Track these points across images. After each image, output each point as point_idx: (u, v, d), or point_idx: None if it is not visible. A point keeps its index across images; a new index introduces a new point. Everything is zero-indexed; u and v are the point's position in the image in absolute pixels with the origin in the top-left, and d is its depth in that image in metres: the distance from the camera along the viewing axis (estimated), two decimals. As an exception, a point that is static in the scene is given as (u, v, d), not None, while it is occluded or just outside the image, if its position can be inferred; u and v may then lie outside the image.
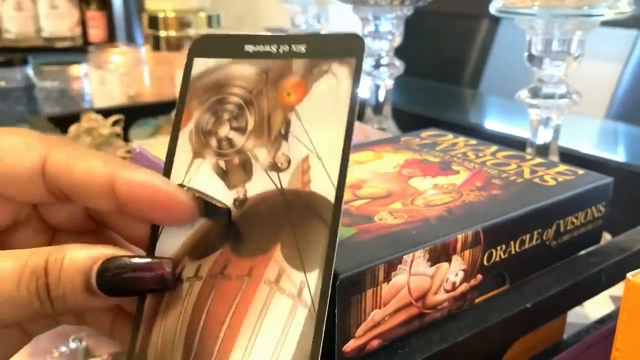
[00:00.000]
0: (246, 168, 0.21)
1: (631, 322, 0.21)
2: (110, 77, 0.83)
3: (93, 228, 0.23)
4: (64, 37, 1.36)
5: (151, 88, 0.84)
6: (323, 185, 0.20)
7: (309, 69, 0.21)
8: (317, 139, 0.21)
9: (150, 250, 0.21)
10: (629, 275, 0.21)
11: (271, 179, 0.21)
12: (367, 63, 0.58)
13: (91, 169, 0.20)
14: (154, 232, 0.21)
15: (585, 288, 0.31)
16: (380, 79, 0.59)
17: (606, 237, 0.42)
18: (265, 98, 0.22)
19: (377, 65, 0.58)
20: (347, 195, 0.29)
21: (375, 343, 0.24)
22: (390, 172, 0.33)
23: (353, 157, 0.35)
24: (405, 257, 0.24)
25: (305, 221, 0.20)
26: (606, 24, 0.41)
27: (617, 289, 0.35)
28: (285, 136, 0.21)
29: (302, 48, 0.22)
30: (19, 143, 0.20)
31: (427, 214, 0.27)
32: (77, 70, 1.06)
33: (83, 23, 1.40)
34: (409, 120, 0.63)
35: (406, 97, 0.92)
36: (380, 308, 0.24)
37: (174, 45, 0.83)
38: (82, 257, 0.19)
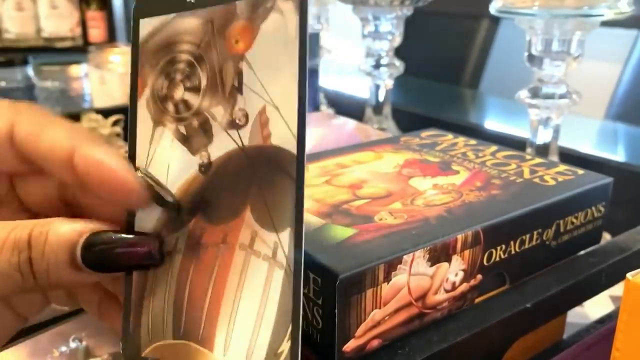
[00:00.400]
0: (206, 130, 0.20)
1: (631, 322, 0.21)
2: (110, 77, 0.83)
3: (68, 211, 0.23)
4: (64, 37, 1.36)
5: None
6: (284, 137, 0.19)
7: (254, 9, 0.19)
8: (272, 87, 0.19)
9: (128, 227, 0.21)
10: (628, 275, 0.21)
11: (231, 137, 0.20)
12: (367, 63, 0.58)
13: (55, 139, 0.19)
14: (131, 215, 0.21)
15: (585, 288, 0.31)
16: (380, 79, 0.59)
17: (606, 237, 0.43)
18: (215, 50, 0.20)
19: (377, 65, 0.58)
20: (347, 196, 0.29)
21: (375, 343, 0.24)
22: (390, 172, 0.33)
23: (353, 157, 0.35)
24: (405, 257, 0.24)
25: (270, 178, 0.19)
26: (606, 24, 0.41)
27: (617, 289, 0.35)
28: (239, 89, 0.20)
29: None
30: None
31: (427, 214, 0.27)
32: (77, 70, 1.06)
33: (83, 23, 1.40)
34: (409, 120, 0.63)
35: (406, 97, 0.92)
36: (380, 308, 0.24)
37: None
38: (67, 230, 0.18)
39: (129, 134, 0.22)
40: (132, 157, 0.22)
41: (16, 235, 0.18)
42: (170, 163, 0.21)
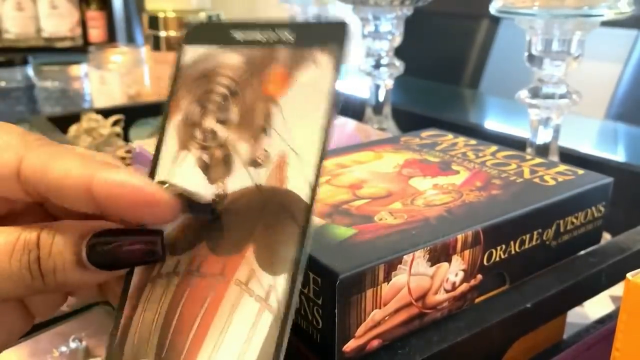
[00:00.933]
0: (227, 162, 0.21)
1: (631, 322, 0.21)
2: (110, 77, 0.83)
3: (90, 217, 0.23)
4: (64, 37, 1.36)
5: (151, 88, 0.84)
6: (298, 184, 0.19)
7: (293, 58, 0.20)
8: (297, 135, 0.20)
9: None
10: (629, 275, 0.21)
11: (250, 175, 0.20)
12: (367, 63, 0.58)
13: (67, 171, 0.19)
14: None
15: (585, 288, 0.31)
16: (380, 79, 0.59)
17: (606, 237, 0.42)
18: (250, 89, 0.21)
19: (377, 65, 0.58)
20: (347, 195, 0.29)
21: (375, 343, 0.24)
22: (390, 172, 0.33)
23: (353, 157, 0.35)
24: (405, 257, 0.24)
25: (278, 221, 0.19)
26: (606, 24, 0.41)
27: (617, 289, 0.36)
28: (266, 130, 0.20)
29: (287, 35, 0.21)
30: None
31: (427, 214, 0.27)
32: (77, 70, 1.06)
33: (83, 23, 1.40)
34: (409, 120, 0.63)
35: (406, 97, 0.92)
36: (380, 308, 0.24)
37: (174, 45, 0.82)
38: (73, 230, 0.19)
39: (154, 152, 0.22)
40: (152, 174, 0.22)
41: (26, 237, 0.19)
42: (188, 187, 0.21)
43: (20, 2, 1.30)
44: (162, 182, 0.21)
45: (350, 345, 0.23)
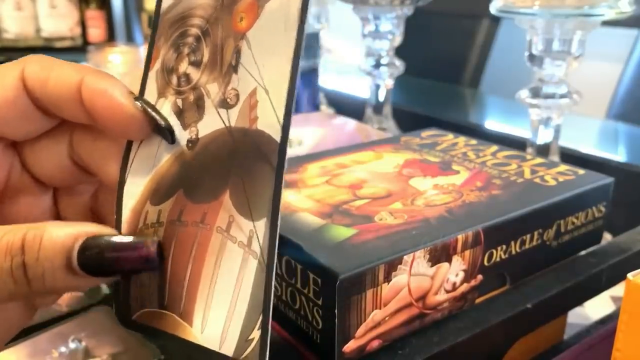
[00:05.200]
0: (199, 106, 0.21)
1: (632, 322, 0.21)
2: (110, 77, 0.83)
3: (82, 178, 0.23)
4: (63, 37, 1.36)
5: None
6: (269, 122, 0.19)
7: None
8: (265, 70, 0.19)
9: (118, 194, 0.21)
10: (629, 275, 0.21)
11: (220, 116, 0.20)
12: (368, 63, 0.58)
13: (63, 76, 0.20)
14: (122, 176, 0.22)
15: (585, 288, 0.31)
16: (380, 79, 0.59)
17: (606, 237, 0.42)
18: (220, 26, 0.20)
19: (377, 65, 0.58)
20: (347, 196, 0.29)
21: (375, 343, 0.24)
22: (391, 172, 0.33)
23: (353, 157, 0.35)
24: (405, 257, 0.24)
25: (252, 163, 0.19)
26: (606, 23, 0.41)
27: (618, 289, 0.35)
28: (235, 68, 0.20)
29: None
30: None
31: (427, 214, 0.27)
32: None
33: (83, 23, 1.40)
34: (409, 120, 0.63)
35: (406, 97, 0.92)
36: (380, 308, 0.24)
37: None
38: (62, 234, 0.18)
39: None
40: None
41: (9, 240, 0.18)
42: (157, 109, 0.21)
43: (20, 1, 1.30)
44: (137, 98, 0.21)
45: (351, 346, 0.23)
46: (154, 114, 0.21)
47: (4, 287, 0.18)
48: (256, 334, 0.18)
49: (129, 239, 0.20)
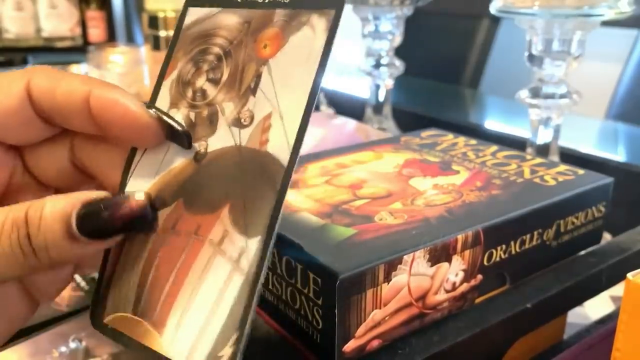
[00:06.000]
0: (212, 122, 0.21)
1: (631, 322, 0.21)
2: (110, 77, 0.83)
3: (83, 181, 0.23)
4: (64, 37, 1.36)
5: (151, 88, 0.84)
6: (280, 146, 0.19)
7: (289, 20, 0.21)
8: (283, 97, 0.20)
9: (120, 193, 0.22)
10: (629, 275, 0.21)
11: (232, 134, 0.21)
12: (368, 63, 0.58)
13: (71, 88, 0.20)
14: (124, 180, 0.22)
15: (585, 288, 0.31)
16: (380, 79, 0.59)
17: (606, 237, 0.42)
18: (244, 49, 0.21)
19: (377, 65, 0.58)
20: (347, 196, 0.29)
21: (375, 343, 0.24)
22: (391, 172, 0.33)
23: (353, 157, 0.35)
24: (405, 257, 0.24)
25: (256, 183, 0.20)
26: (606, 24, 0.41)
27: (618, 289, 0.35)
28: (253, 91, 0.21)
29: None
30: (1, 80, 0.21)
31: (427, 214, 0.27)
32: (77, 70, 1.06)
33: (83, 23, 1.40)
34: (409, 120, 0.63)
35: (406, 97, 0.92)
36: (380, 308, 0.24)
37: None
38: (60, 204, 0.19)
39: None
40: None
41: (14, 215, 0.19)
42: (172, 145, 0.22)
43: (20, 2, 1.30)
44: (149, 106, 0.21)
45: (351, 346, 0.23)
46: (169, 120, 0.21)
47: (14, 261, 0.19)
48: (227, 352, 0.18)
49: (121, 195, 0.21)
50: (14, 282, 0.21)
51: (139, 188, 0.22)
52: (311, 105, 0.19)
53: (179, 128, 0.21)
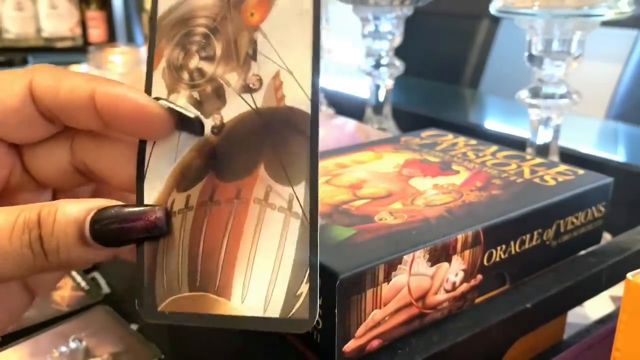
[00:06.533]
0: (219, 94, 0.21)
1: (631, 322, 0.21)
2: (110, 77, 0.83)
3: (82, 182, 0.23)
4: (64, 37, 1.36)
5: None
6: (298, 98, 0.20)
7: None
8: (286, 54, 0.20)
9: (138, 189, 0.22)
10: (629, 275, 0.21)
11: (245, 100, 0.21)
12: (368, 63, 0.58)
13: (74, 86, 0.20)
14: (140, 173, 0.22)
15: (585, 288, 0.31)
16: (380, 79, 0.59)
17: (606, 237, 0.42)
18: (230, 22, 0.21)
19: (377, 65, 0.58)
20: (347, 195, 0.29)
21: (375, 343, 0.24)
22: (391, 172, 0.33)
23: (353, 157, 0.35)
24: (405, 257, 0.24)
25: (284, 136, 0.20)
26: (606, 24, 0.41)
27: (617, 289, 0.35)
28: (253, 56, 0.21)
29: None
30: (3, 78, 0.21)
31: (427, 214, 0.27)
32: (77, 70, 1.06)
33: (83, 23, 1.40)
34: (409, 120, 0.63)
35: (406, 97, 0.92)
36: (380, 308, 0.24)
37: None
38: (75, 209, 0.19)
39: None
40: None
41: (25, 216, 0.19)
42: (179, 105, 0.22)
43: (20, 2, 1.30)
44: (157, 98, 0.22)
45: (351, 345, 0.23)
46: (180, 109, 0.21)
47: (23, 261, 0.19)
48: (304, 288, 0.19)
49: (138, 207, 0.20)
50: None
51: (158, 176, 0.22)
52: (317, 56, 0.20)
53: (191, 115, 0.21)
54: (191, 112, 0.21)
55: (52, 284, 0.23)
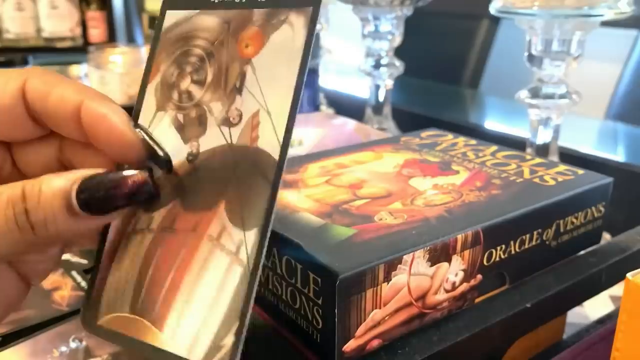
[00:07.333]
0: (201, 122, 0.22)
1: (631, 322, 0.21)
2: (110, 77, 0.83)
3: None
4: (64, 37, 1.36)
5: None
6: (270, 142, 0.20)
7: (268, 19, 0.21)
8: (269, 94, 0.21)
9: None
10: (628, 275, 0.21)
11: (222, 134, 0.21)
12: (367, 63, 0.58)
13: (64, 95, 0.21)
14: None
15: (585, 288, 0.31)
16: (380, 79, 0.59)
17: (606, 237, 0.43)
18: (225, 49, 0.22)
19: (377, 65, 0.58)
20: (347, 195, 0.29)
21: (375, 343, 0.24)
22: (390, 172, 0.33)
23: (353, 157, 0.35)
24: (405, 257, 0.24)
25: (249, 178, 0.20)
26: (606, 24, 0.42)
27: (617, 289, 0.36)
28: (239, 90, 0.21)
29: None
30: None
31: (427, 214, 0.27)
32: (77, 70, 1.06)
33: (83, 23, 1.40)
34: (409, 120, 0.63)
35: (406, 97, 0.92)
36: (380, 308, 0.24)
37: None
38: (61, 180, 0.19)
39: (134, 112, 0.23)
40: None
41: (10, 192, 0.19)
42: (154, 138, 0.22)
43: (20, 2, 1.30)
44: (137, 125, 0.22)
45: (350, 345, 0.23)
46: (152, 144, 0.22)
47: (10, 236, 0.19)
48: (229, 340, 0.19)
49: (122, 171, 0.21)
50: (5, 262, 0.21)
51: None
52: (297, 101, 0.20)
53: (161, 153, 0.22)
54: (162, 150, 0.22)
55: (46, 272, 0.23)
